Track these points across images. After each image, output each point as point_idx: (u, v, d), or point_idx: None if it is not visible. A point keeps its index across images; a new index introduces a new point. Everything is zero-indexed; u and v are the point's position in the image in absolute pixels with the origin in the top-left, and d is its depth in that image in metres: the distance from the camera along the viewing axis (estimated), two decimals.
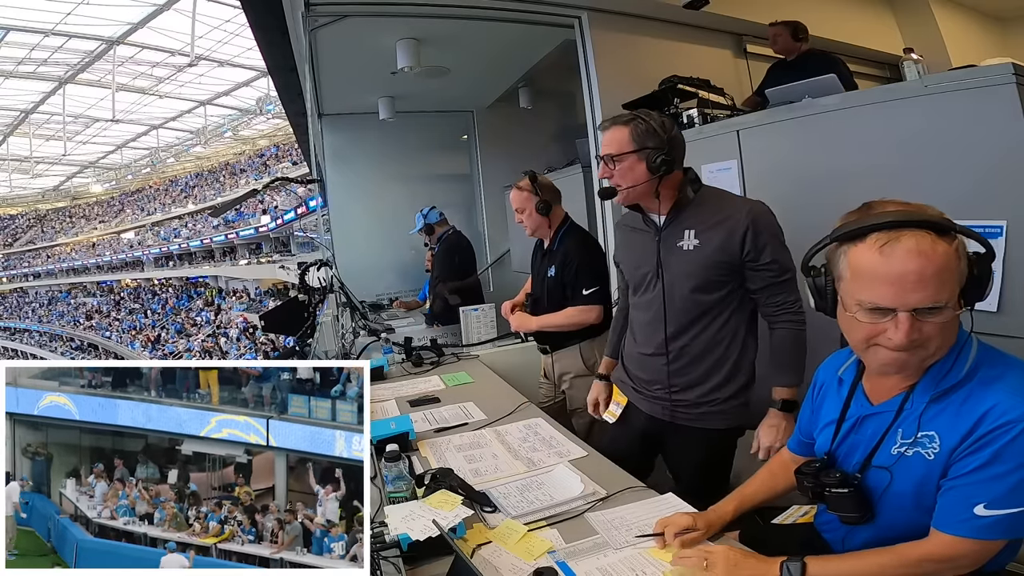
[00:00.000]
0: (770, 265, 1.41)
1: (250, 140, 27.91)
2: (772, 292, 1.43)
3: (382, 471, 1.22)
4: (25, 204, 36.12)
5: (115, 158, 30.96)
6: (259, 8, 3.21)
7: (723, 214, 1.44)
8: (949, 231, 0.81)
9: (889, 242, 0.82)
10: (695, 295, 1.47)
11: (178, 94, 23.48)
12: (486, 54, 3.85)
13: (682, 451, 1.56)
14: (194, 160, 30.54)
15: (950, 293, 0.81)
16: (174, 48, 19.95)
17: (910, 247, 0.80)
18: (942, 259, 0.80)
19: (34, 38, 18.72)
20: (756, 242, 1.40)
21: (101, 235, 32.46)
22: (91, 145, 28.43)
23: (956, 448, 0.82)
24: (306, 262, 3.05)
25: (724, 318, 1.48)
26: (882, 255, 0.82)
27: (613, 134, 1.48)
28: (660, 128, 1.44)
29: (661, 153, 1.42)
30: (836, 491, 0.95)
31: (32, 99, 22.96)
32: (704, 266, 1.44)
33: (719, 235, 1.42)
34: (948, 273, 0.80)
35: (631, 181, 1.46)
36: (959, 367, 0.86)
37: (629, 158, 1.45)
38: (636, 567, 1.00)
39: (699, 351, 1.50)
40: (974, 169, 1.55)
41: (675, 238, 1.49)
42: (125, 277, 29.58)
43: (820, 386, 1.11)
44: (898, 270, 0.81)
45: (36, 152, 27.71)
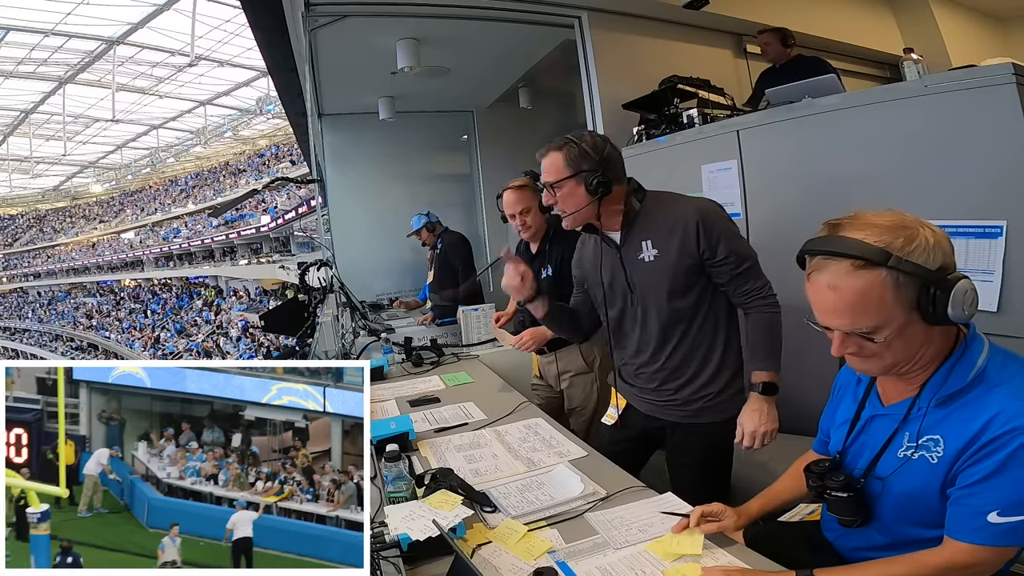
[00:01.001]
0: (727, 259, 1.43)
1: (250, 140, 27.90)
2: (738, 283, 1.45)
3: (382, 471, 1.22)
4: (25, 204, 36.12)
5: (115, 158, 30.95)
6: (259, 8, 3.21)
7: (672, 219, 1.45)
8: (878, 264, 0.81)
9: (814, 271, 0.87)
10: (671, 303, 1.49)
11: (178, 94, 23.47)
12: (486, 54, 3.85)
13: (682, 447, 1.57)
14: (194, 160, 30.54)
15: (878, 321, 0.83)
16: (174, 48, 19.94)
17: (825, 280, 0.85)
18: (855, 293, 0.82)
19: (34, 38, 18.72)
20: (709, 240, 1.41)
21: (101, 235, 32.46)
22: (91, 145, 28.42)
23: (961, 453, 0.82)
24: (306, 262, 3.05)
25: (703, 317, 1.50)
26: (809, 282, 0.88)
27: (549, 161, 1.48)
28: (592, 149, 1.44)
29: (596, 175, 1.42)
30: (836, 494, 0.95)
31: (32, 99, 22.95)
32: (671, 273, 1.46)
33: (675, 241, 1.44)
34: (865, 305, 0.82)
35: (573, 206, 1.47)
36: (963, 372, 0.85)
37: (568, 183, 1.45)
38: (636, 566, 1.00)
39: (685, 354, 1.52)
40: (974, 169, 1.55)
41: (635, 251, 1.50)
42: (125, 277, 29.58)
43: (840, 387, 1.11)
44: (817, 299, 0.87)
45: (36, 152, 27.70)
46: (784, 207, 2.15)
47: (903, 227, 0.82)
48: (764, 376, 1.44)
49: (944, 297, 0.80)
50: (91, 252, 31.76)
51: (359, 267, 4.75)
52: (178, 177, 31.70)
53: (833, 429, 1.08)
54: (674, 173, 2.64)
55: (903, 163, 1.72)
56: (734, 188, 2.30)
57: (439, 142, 5.40)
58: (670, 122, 2.67)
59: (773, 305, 1.45)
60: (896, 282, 0.81)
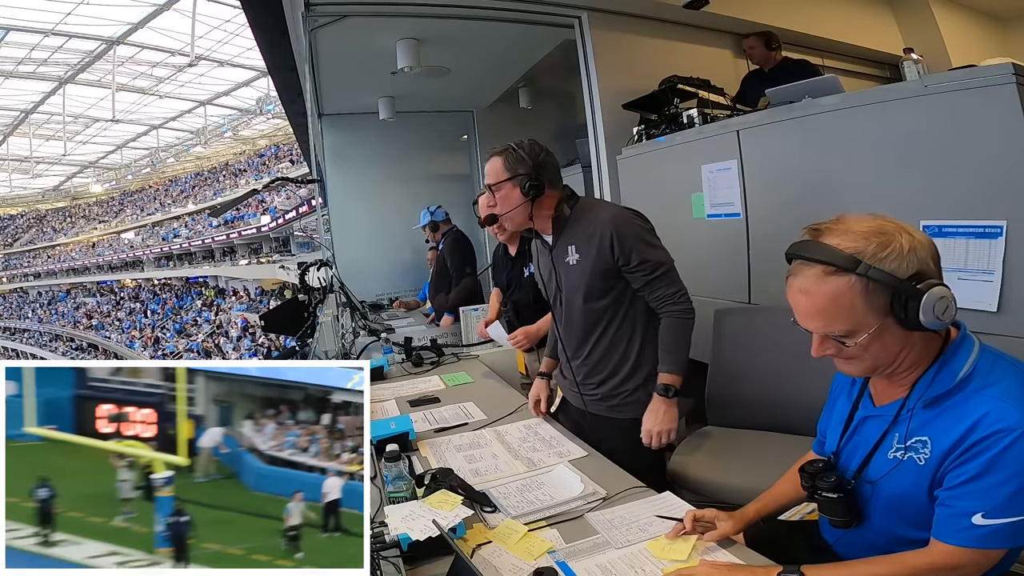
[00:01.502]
0: (641, 266, 1.51)
1: (250, 140, 27.91)
2: (651, 288, 1.54)
3: (382, 471, 1.22)
4: (25, 204, 36.12)
5: (115, 158, 30.96)
6: (259, 8, 3.21)
7: (592, 226, 1.55)
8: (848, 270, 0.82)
9: (791, 275, 0.89)
10: (587, 304, 1.60)
11: (178, 94, 23.48)
12: (486, 54, 3.85)
13: (604, 440, 1.60)
14: (194, 160, 30.54)
15: (850, 325, 0.84)
16: (174, 48, 19.95)
17: (798, 285, 0.87)
18: (825, 298, 0.84)
19: (34, 38, 18.72)
20: (623, 248, 1.50)
21: (101, 235, 32.47)
22: (91, 145, 28.43)
23: (947, 455, 0.82)
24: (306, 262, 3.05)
25: (620, 319, 1.59)
26: (787, 285, 0.90)
27: (491, 165, 1.60)
28: (528, 155, 1.55)
29: (529, 178, 1.53)
30: (827, 495, 0.96)
31: (32, 99, 22.96)
32: (587, 277, 1.56)
33: (592, 247, 1.54)
34: (836, 310, 0.84)
35: (508, 207, 1.59)
36: (951, 373, 0.86)
37: (505, 186, 1.58)
38: (636, 564, 1.00)
39: (603, 353, 1.62)
40: (974, 169, 1.55)
41: (563, 254, 1.62)
42: (125, 277, 29.58)
43: (836, 386, 1.11)
44: (793, 303, 0.90)
45: (36, 152, 27.71)
46: (784, 207, 2.15)
47: (880, 233, 0.83)
48: (665, 378, 1.52)
49: (915, 305, 0.81)
50: (91, 252, 31.76)
51: (359, 267, 4.76)
52: (178, 177, 31.70)
53: (828, 430, 1.09)
54: (674, 173, 2.64)
55: (903, 163, 1.72)
56: (734, 188, 2.31)
57: (439, 142, 5.40)
58: (670, 122, 2.67)
59: (684, 312, 1.53)
60: (866, 288, 0.82)
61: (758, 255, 2.26)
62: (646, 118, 2.89)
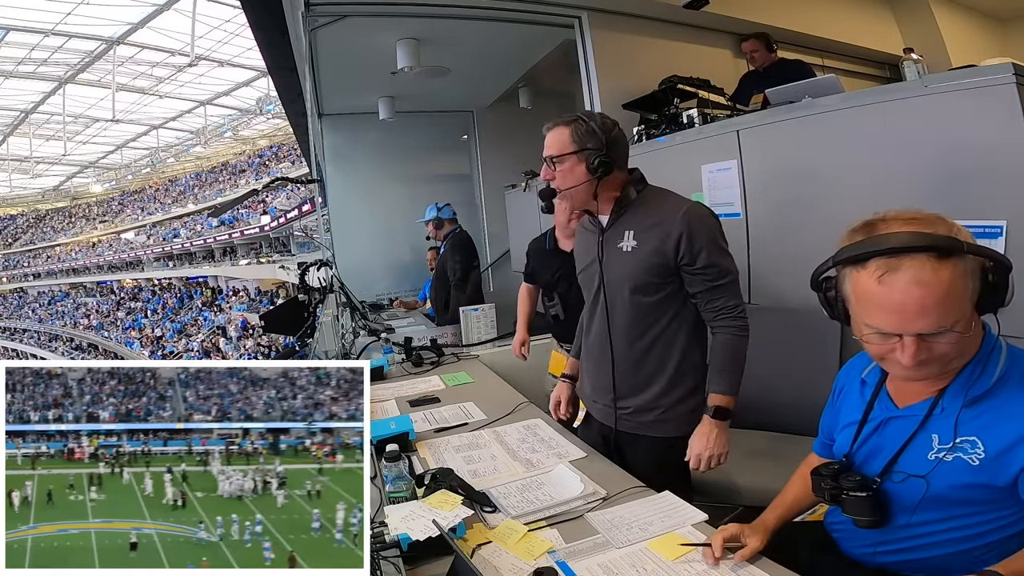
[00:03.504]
0: (706, 269, 1.38)
1: (250, 140, 27.90)
2: (711, 296, 1.40)
3: (382, 471, 1.22)
4: (25, 204, 36.09)
5: (115, 158, 30.94)
6: (259, 8, 3.21)
7: (660, 216, 1.41)
8: (953, 252, 0.78)
9: (888, 271, 0.80)
10: (634, 297, 1.45)
11: (178, 94, 23.48)
12: (486, 54, 3.85)
13: (633, 460, 1.52)
14: (194, 160, 30.53)
15: (958, 315, 0.80)
16: (174, 48, 19.95)
17: (909, 278, 0.79)
18: (944, 286, 0.78)
19: (34, 38, 18.72)
20: (691, 246, 1.37)
21: (101, 235, 32.45)
22: (91, 145, 28.42)
23: (1008, 451, 0.81)
24: (306, 262, 3.05)
25: (665, 321, 1.45)
26: (882, 285, 0.80)
27: (555, 135, 1.45)
28: (600, 129, 1.41)
29: (600, 154, 1.40)
30: (855, 495, 0.93)
31: (32, 99, 22.95)
32: (641, 268, 1.42)
33: (655, 237, 1.40)
34: (952, 298, 0.79)
35: (571, 182, 1.44)
36: (989, 373, 0.85)
37: (569, 159, 1.43)
38: (637, 563, 1.00)
39: (640, 354, 1.47)
40: (974, 169, 1.55)
41: (616, 239, 1.47)
42: (125, 277, 29.56)
43: (840, 388, 1.09)
44: (899, 300, 0.80)
45: (36, 152, 27.69)
46: (784, 207, 2.15)
47: (939, 219, 0.81)
48: (718, 400, 1.39)
49: (1004, 280, 0.79)
50: (91, 252, 31.74)
51: (359, 267, 4.75)
52: (178, 177, 31.69)
53: (837, 431, 1.06)
54: (674, 173, 2.64)
55: (903, 163, 1.72)
56: (734, 188, 2.30)
57: (439, 142, 5.39)
58: (670, 122, 2.67)
59: (742, 328, 1.40)
60: (967, 271, 0.79)
61: (758, 255, 2.26)
62: (646, 118, 2.88)
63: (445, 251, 3.73)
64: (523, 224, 4.50)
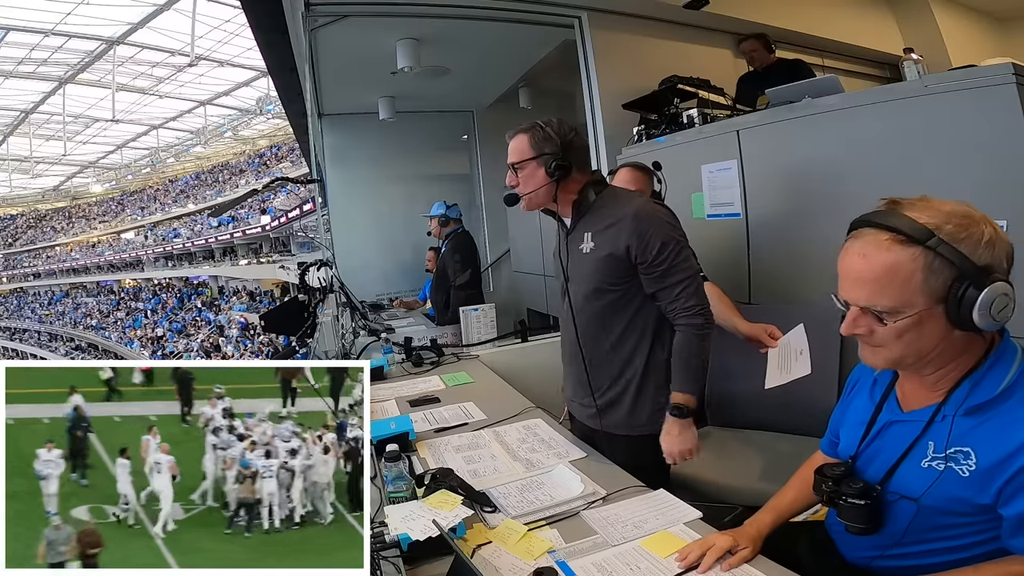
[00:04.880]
0: (658, 267, 1.40)
1: (250, 140, 27.91)
2: (667, 296, 1.42)
3: (382, 471, 1.22)
4: (25, 204, 36.09)
5: (115, 158, 30.96)
6: (259, 8, 3.21)
7: (614, 215, 1.44)
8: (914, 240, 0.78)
9: (851, 239, 0.85)
10: (594, 296, 1.49)
11: (178, 94, 23.49)
12: (486, 54, 3.85)
13: (612, 458, 1.51)
14: (194, 160, 30.54)
15: (899, 301, 0.80)
16: (174, 48, 19.96)
17: (858, 248, 0.83)
18: (884, 266, 0.79)
19: (34, 38, 18.72)
20: (642, 245, 1.39)
21: (101, 235, 32.45)
22: (91, 145, 28.43)
23: (997, 467, 0.79)
24: (306, 262, 3.04)
25: (626, 321, 1.48)
26: (843, 250, 0.86)
27: (515, 143, 1.50)
28: (556, 133, 1.46)
29: (556, 158, 1.44)
30: (852, 501, 0.91)
31: (32, 99, 22.96)
32: (598, 269, 1.46)
33: (609, 238, 1.43)
34: (892, 279, 0.79)
35: (531, 186, 1.49)
36: (994, 381, 0.82)
37: (529, 165, 1.48)
38: (631, 563, 1.01)
39: (607, 353, 1.51)
40: (974, 169, 1.55)
41: (578, 241, 1.51)
42: (125, 277, 29.56)
43: (854, 384, 1.07)
44: (845, 266, 0.85)
45: (36, 152, 27.70)
46: (784, 207, 2.15)
47: (964, 216, 0.79)
48: (678, 398, 1.41)
49: (974, 295, 0.76)
50: (91, 252, 31.75)
51: (359, 267, 4.75)
52: (178, 177, 31.70)
53: (844, 430, 1.04)
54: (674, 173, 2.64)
55: (903, 163, 1.72)
56: (734, 188, 2.30)
57: (439, 142, 5.39)
58: (670, 122, 2.67)
59: (701, 327, 1.41)
60: (929, 265, 0.78)
61: (758, 255, 2.26)
62: (646, 118, 2.89)
63: (446, 251, 3.72)
64: (523, 224, 4.50)
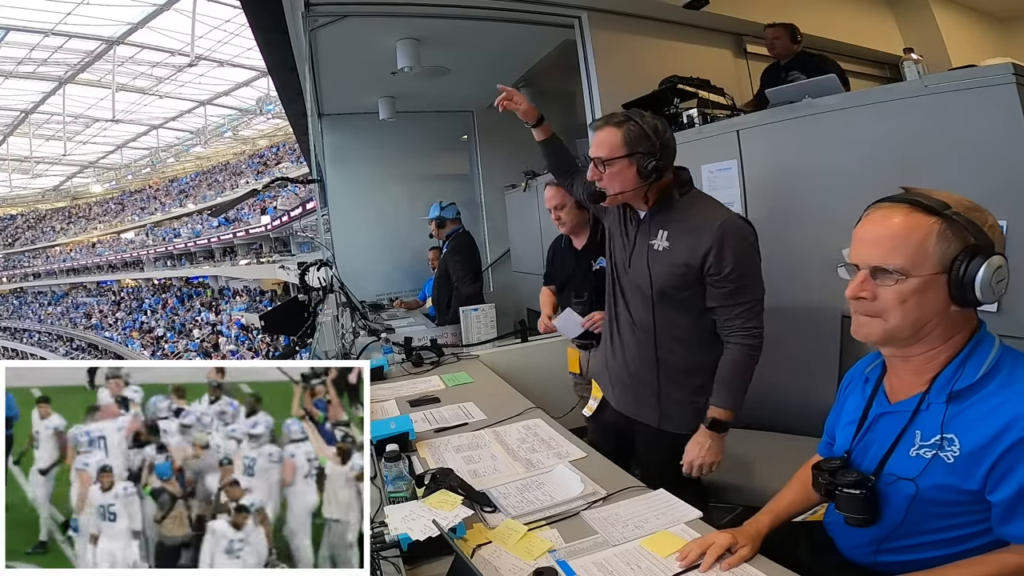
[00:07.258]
0: (729, 284, 1.36)
1: (250, 140, 27.92)
2: (728, 312, 1.38)
3: (382, 471, 1.22)
4: (25, 204, 36.10)
5: (115, 158, 30.97)
6: (259, 8, 3.21)
7: (697, 221, 1.39)
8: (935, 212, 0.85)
9: (871, 210, 0.92)
10: (656, 294, 1.45)
11: (178, 94, 23.50)
12: (486, 54, 3.84)
13: (654, 452, 1.52)
14: (194, 160, 30.56)
15: (911, 260, 0.85)
16: (174, 48, 19.97)
17: (880, 215, 0.89)
18: (904, 227, 0.86)
19: (34, 38, 18.73)
20: (719, 259, 1.35)
21: (101, 235, 32.45)
22: (91, 145, 28.44)
23: (980, 453, 0.81)
24: (306, 262, 3.04)
25: (685, 323, 1.45)
26: (861, 222, 0.92)
27: (605, 135, 1.41)
28: (653, 132, 1.38)
29: (652, 159, 1.36)
30: (848, 491, 0.93)
31: (32, 99, 22.97)
32: (667, 269, 1.42)
33: (687, 242, 1.39)
34: (907, 239, 0.85)
35: (620, 186, 1.41)
36: (973, 367, 0.86)
37: (620, 162, 1.39)
38: (632, 562, 1.01)
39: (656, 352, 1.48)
40: (974, 169, 1.55)
41: (651, 236, 1.46)
42: (125, 277, 29.56)
43: (847, 385, 1.10)
44: (862, 231, 0.91)
45: (36, 152, 27.71)
46: (784, 207, 2.15)
47: (975, 206, 0.87)
48: (717, 412, 1.40)
49: (978, 264, 0.82)
50: (91, 252, 31.75)
51: (359, 267, 4.75)
52: (178, 177, 31.70)
53: (839, 429, 1.07)
54: None
55: (903, 163, 1.72)
56: (734, 188, 2.30)
57: (439, 142, 5.39)
58: (670, 122, 2.66)
59: (754, 348, 1.38)
60: (943, 232, 0.84)
61: None
62: None
63: (447, 252, 3.72)
64: (523, 224, 4.50)
